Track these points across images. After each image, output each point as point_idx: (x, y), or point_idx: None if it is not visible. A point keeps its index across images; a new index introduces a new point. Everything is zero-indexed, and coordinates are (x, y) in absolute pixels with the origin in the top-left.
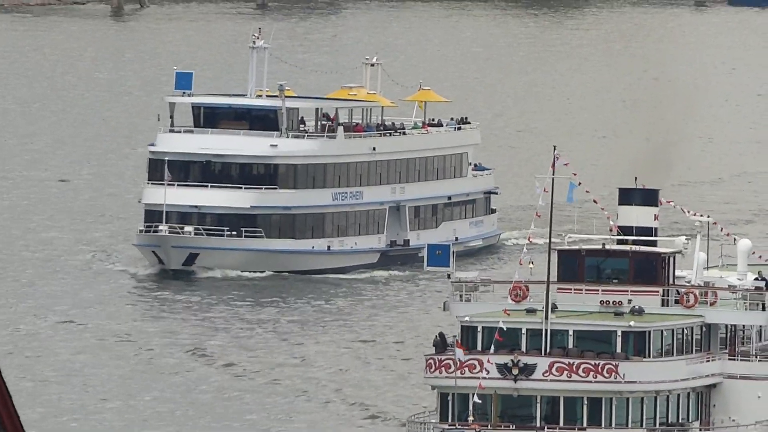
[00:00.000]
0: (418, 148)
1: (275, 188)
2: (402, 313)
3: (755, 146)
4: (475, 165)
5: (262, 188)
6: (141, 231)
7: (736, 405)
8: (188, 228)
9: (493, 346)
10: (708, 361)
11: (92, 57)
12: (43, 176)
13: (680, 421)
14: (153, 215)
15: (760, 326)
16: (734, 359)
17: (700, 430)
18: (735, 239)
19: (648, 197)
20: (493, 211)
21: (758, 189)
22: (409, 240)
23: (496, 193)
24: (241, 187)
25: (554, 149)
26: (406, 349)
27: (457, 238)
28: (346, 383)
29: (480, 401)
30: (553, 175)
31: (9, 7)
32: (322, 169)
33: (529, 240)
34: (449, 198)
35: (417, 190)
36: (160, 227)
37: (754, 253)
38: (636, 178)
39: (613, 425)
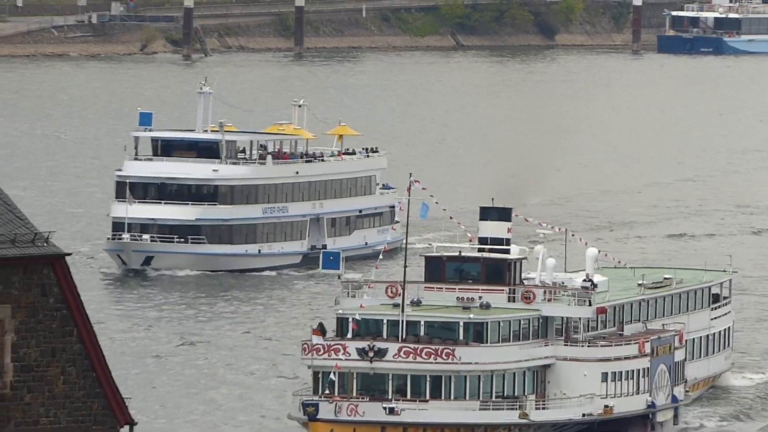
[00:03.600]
0: (334, 172)
1: (216, 204)
2: (310, 304)
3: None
4: (383, 185)
5: (205, 204)
6: (109, 238)
7: (566, 381)
8: (146, 236)
9: (351, 333)
10: (545, 346)
11: (155, 94)
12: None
13: (515, 394)
14: (118, 226)
15: (588, 318)
16: (567, 345)
17: (536, 401)
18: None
19: (502, 214)
20: (396, 222)
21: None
22: (326, 245)
23: (408, 207)
24: (188, 204)
25: (410, 176)
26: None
27: (366, 243)
28: (260, 358)
29: (335, 379)
30: (409, 197)
31: (104, 55)
32: (254, 189)
33: (385, 249)
34: (360, 211)
35: (333, 205)
36: (124, 235)
37: (608, 255)
38: (493, 198)
39: (452, 398)
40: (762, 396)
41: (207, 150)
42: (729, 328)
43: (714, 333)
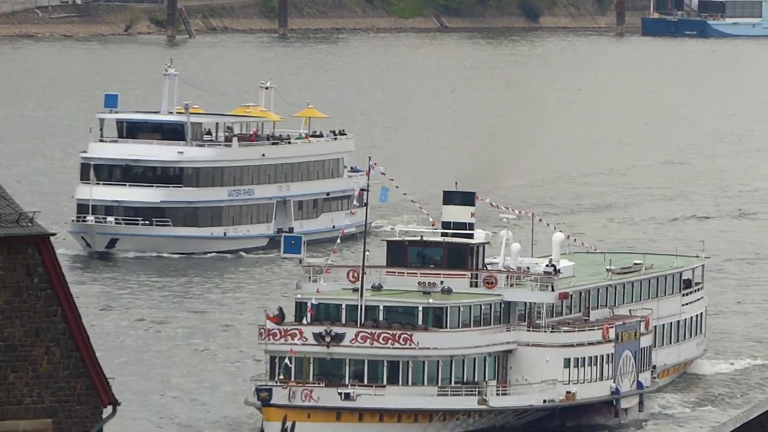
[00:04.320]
0: (301, 154)
1: (181, 186)
2: (273, 288)
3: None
4: (352, 168)
5: (170, 186)
6: (73, 221)
7: (529, 367)
8: (110, 218)
9: (310, 318)
10: (506, 331)
11: (135, 75)
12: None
13: (476, 380)
14: (83, 208)
15: (551, 303)
16: (529, 330)
17: (497, 387)
18: (554, 228)
19: (466, 198)
20: (365, 204)
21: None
22: (293, 228)
23: (367, 190)
24: (153, 186)
25: (369, 159)
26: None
27: (334, 226)
28: (222, 342)
29: (291, 364)
30: (368, 180)
31: (88, 36)
32: (220, 172)
33: (343, 233)
34: (328, 194)
35: (300, 188)
36: (88, 218)
37: (576, 240)
38: (456, 182)
39: (410, 384)
40: (733, 383)
41: (172, 132)
42: (701, 313)
43: (685, 319)
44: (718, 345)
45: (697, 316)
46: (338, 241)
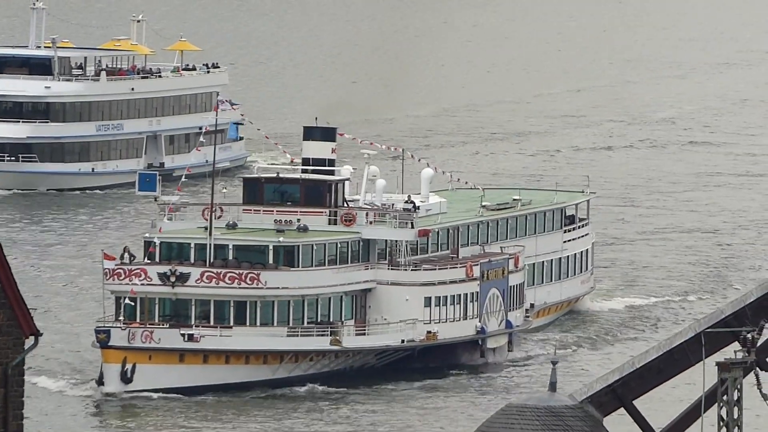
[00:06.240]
0: (172, 88)
1: (48, 122)
2: (135, 225)
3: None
4: (227, 101)
5: (36, 122)
6: None
7: (388, 306)
8: None
9: (158, 257)
10: (365, 269)
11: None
12: None
13: (331, 320)
14: None
15: (411, 241)
16: (389, 268)
17: (355, 327)
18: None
19: (326, 134)
20: (240, 139)
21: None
22: (164, 163)
23: (242, 124)
24: (19, 121)
25: (217, 95)
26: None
27: (207, 161)
28: (78, 282)
29: (133, 304)
30: (216, 117)
31: None
32: (87, 106)
33: (188, 171)
34: (200, 128)
35: (171, 122)
36: None
37: (452, 176)
38: (316, 117)
39: (258, 324)
40: (619, 321)
41: (40, 67)
42: (587, 250)
43: (567, 256)
44: (612, 281)
45: (582, 253)
46: (183, 178)
